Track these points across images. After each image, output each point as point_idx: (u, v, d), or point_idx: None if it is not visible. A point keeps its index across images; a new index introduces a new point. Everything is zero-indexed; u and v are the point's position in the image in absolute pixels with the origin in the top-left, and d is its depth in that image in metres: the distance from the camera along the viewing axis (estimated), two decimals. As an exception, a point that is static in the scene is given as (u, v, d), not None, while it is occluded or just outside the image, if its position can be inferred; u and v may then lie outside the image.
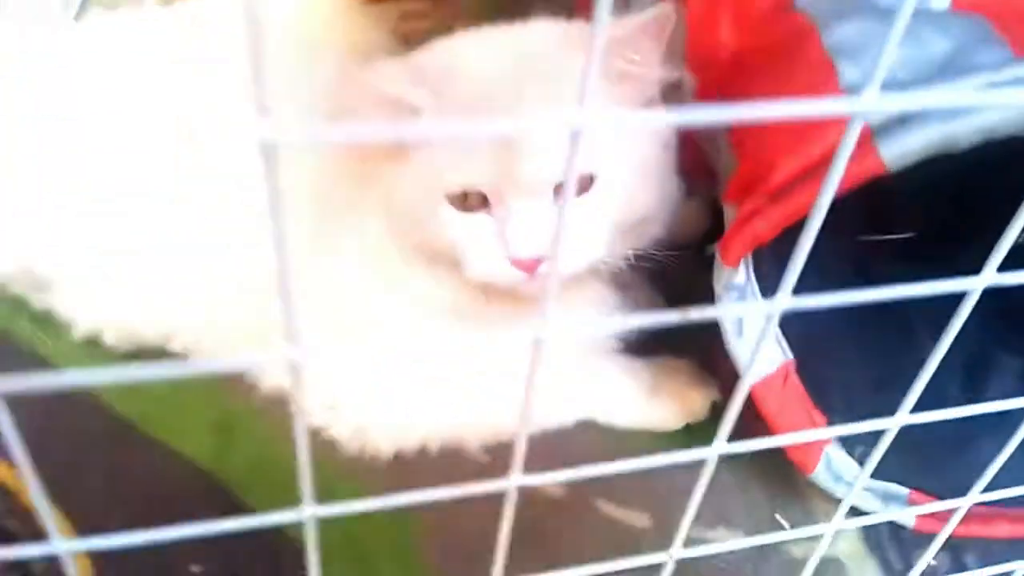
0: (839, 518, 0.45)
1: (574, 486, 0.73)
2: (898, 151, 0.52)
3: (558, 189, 0.59)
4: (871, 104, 0.29)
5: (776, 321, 0.45)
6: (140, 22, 0.86)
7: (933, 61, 0.57)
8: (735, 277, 0.61)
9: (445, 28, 1.29)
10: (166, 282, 0.73)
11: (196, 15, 0.90)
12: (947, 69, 0.56)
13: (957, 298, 0.37)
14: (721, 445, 0.43)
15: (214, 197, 0.71)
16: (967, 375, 0.83)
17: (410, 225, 0.63)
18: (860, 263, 0.92)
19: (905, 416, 0.47)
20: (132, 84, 0.76)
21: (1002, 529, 0.72)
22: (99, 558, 0.64)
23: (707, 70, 0.71)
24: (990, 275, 0.39)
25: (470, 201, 0.59)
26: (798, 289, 0.66)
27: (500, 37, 0.63)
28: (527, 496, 0.71)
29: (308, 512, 0.34)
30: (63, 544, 0.26)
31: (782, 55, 0.63)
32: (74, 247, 0.74)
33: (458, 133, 0.53)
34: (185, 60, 0.76)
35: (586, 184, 0.60)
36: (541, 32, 0.63)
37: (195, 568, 0.64)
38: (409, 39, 1.15)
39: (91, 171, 0.73)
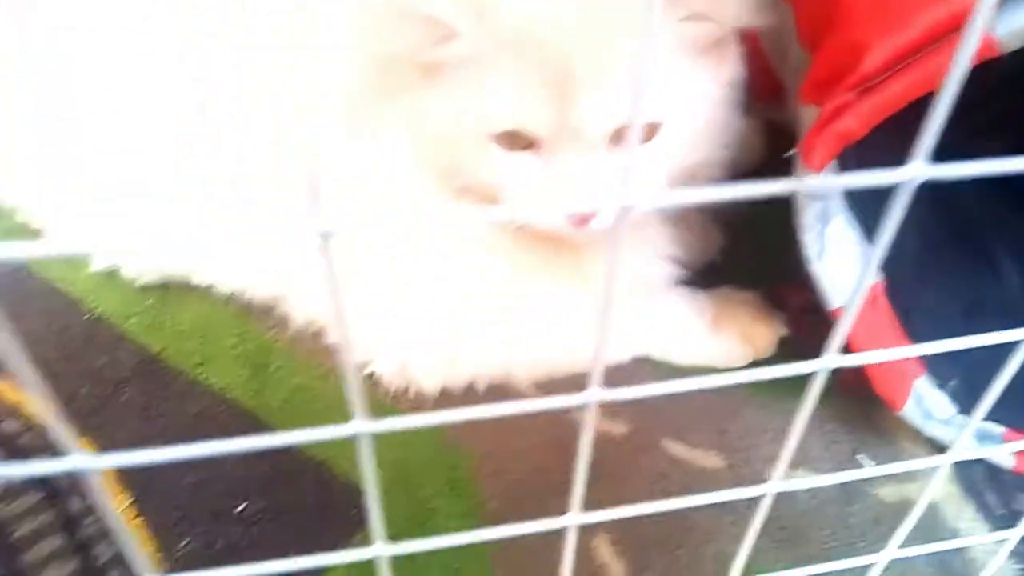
0: (946, 455, 0.38)
1: (639, 425, 0.67)
2: (1015, 26, 0.44)
3: (615, 136, 0.52)
4: None
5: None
6: None
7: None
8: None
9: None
10: (187, 215, 0.68)
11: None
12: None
13: None
14: (833, 358, 0.37)
15: (233, 121, 0.65)
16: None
17: (444, 156, 0.57)
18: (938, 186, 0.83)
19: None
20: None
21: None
22: (143, 500, 0.60)
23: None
24: None
25: (517, 141, 0.53)
26: (873, 209, 0.58)
27: None
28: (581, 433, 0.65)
29: (362, 428, 0.29)
30: (83, 459, 0.22)
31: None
32: (90, 173, 0.70)
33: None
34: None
35: (650, 133, 0.54)
36: None
37: (241, 507, 0.60)
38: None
39: (105, 99, 0.69)
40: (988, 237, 0.75)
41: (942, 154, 0.24)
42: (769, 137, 0.78)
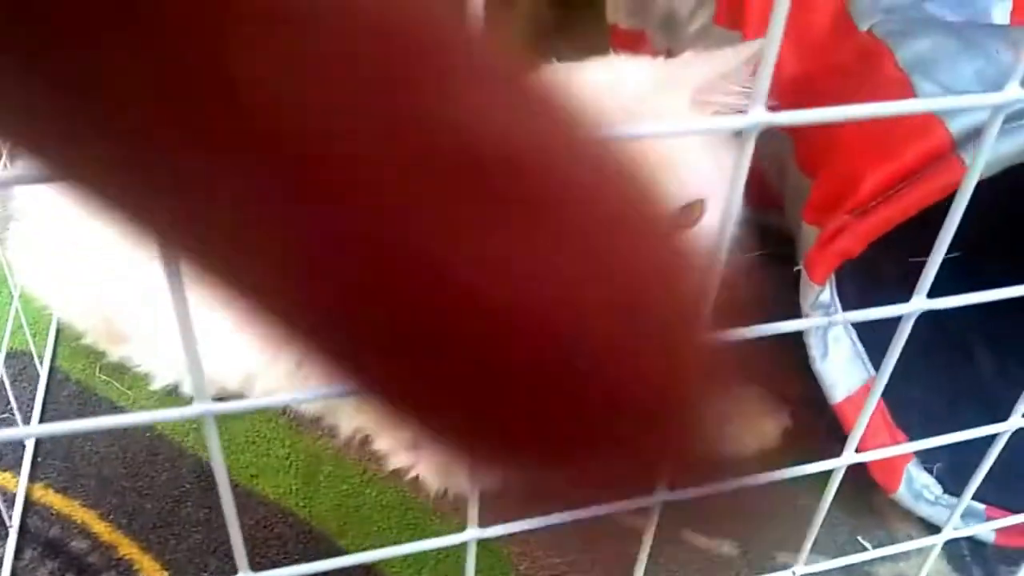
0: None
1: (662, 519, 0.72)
2: (987, 158, 0.53)
3: (680, 215, 0.61)
4: (1013, 95, 0.30)
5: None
6: None
7: (1005, 73, 0.59)
8: (822, 295, 0.61)
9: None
10: (242, 330, 0.73)
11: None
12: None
13: (1013, 317, 0.38)
14: (851, 456, 0.44)
15: None
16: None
17: None
18: (913, 281, 0.92)
19: (1016, 420, 0.47)
20: None
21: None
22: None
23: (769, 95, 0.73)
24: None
25: None
26: (868, 305, 0.67)
27: (594, 76, 0.64)
28: (608, 527, 0.71)
29: (472, 535, 0.35)
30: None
31: (851, 75, 0.64)
32: (151, 300, 0.75)
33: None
34: None
35: (698, 213, 0.61)
36: (633, 72, 0.64)
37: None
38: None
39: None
40: (962, 327, 0.84)
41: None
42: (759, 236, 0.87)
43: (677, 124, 0.29)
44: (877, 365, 0.67)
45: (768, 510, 0.74)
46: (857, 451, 0.67)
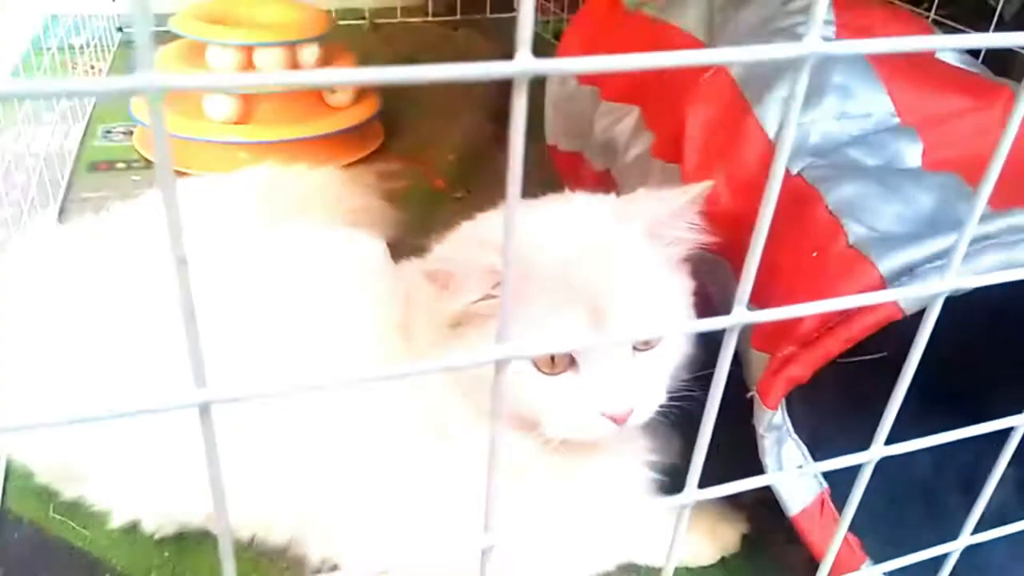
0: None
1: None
2: (915, 298, 0.59)
3: (639, 344, 0.65)
4: (956, 283, 0.35)
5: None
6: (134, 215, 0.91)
7: (921, 216, 0.66)
8: (775, 418, 0.66)
9: (423, 186, 1.38)
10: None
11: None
12: (936, 223, 0.64)
13: (946, 418, 0.43)
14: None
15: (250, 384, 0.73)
16: (965, 486, 0.89)
17: (481, 395, 0.67)
18: (845, 381, 0.99)
19: (964, 539, 0.52)
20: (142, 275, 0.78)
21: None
22: None
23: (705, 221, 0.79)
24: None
25: (557, 363, 0.64)
26: (810, 414, 0.72)
27: (555, 213, 0.69)
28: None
29: None
30: None
31: (784, 215, 0.70)
32: (111, 438, 0.75)
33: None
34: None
35: (656, 341, 0.66)
36: (591, 208, 0.69)
37: None
38: (392, 197, 1.24)
39: (121, 360, 0.75)
40: (899, 429, 0.89)
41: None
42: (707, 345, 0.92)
43: (675, 326, 0.33)
44: (826, 474, 0.72)
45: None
46: (816, 559, 0.71)
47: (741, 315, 0.31)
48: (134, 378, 0.73)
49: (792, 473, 0.43)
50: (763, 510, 0.87)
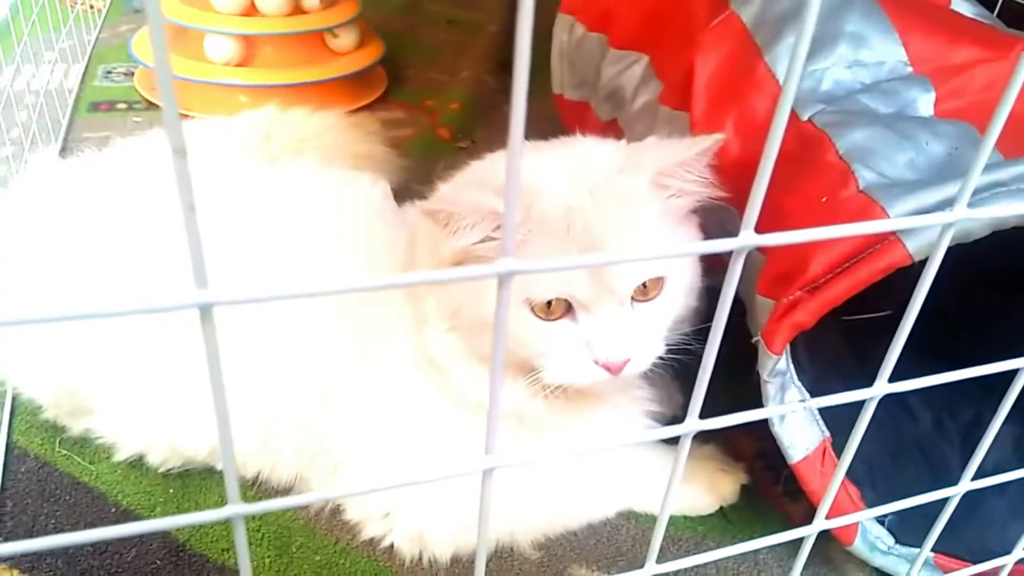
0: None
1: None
2: (923, 243, 0.58)
3: (638, 292, 0.64)
4: (962, 215, 0.35)
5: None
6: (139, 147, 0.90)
7: (933, 162, 0.65)
8: (779, 363, 0.65)
9: (427, 135, 1.37)
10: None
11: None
12: (948, 170, 0.64)
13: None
14: (822, 523, 0.47)
15: (250, 317, 0.73)
16: (963, 442, 0.89)
17: (480, 339, 0.67)
18: (848, 338, 0.99)
19: (965, 485, 0.52)
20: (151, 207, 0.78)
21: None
22: None
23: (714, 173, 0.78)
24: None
25: (554, 309, 0.63)
26: (814, 364, 0.71)
27: (564, 157, 0.68)
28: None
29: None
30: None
31: (794, 160, 0.69)
32: (119, 370, 0.75)
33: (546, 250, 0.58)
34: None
35: (658, 288, 0.65)
36: (599, 154, 0.68)
37: None
38: (395, 145, 1.22)
39: (129, 292, 0.75)
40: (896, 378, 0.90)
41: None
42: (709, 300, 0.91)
43: (673, 247, 0.33)
44: (828, 423, 0.72)
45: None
46: (814, 506, 0.72)
47: (748, 238, 0.31)
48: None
49: (795, 408, 0.43)
50: (762, 463, 0.88)
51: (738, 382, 0.67)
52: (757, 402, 0.69)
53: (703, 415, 0.36)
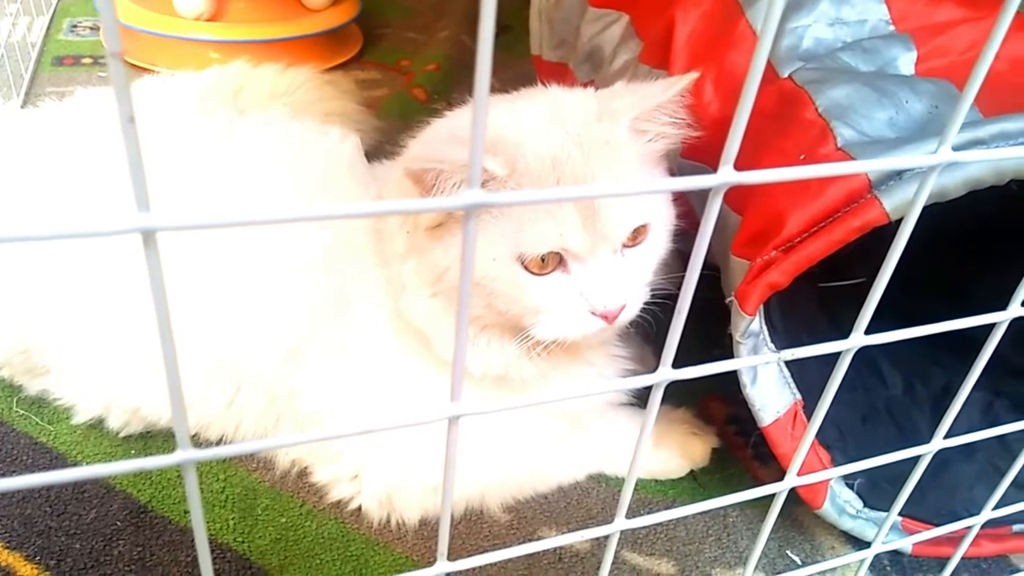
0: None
1: (600, 539, 0.74)
2: (900, 202, 0.58)
3: (629, 239, 0.64)
4: (946, 157, 0.34)
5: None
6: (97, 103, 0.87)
7: (914, 120, 0.64)
8: (752, 324, 0.65)
9: (402, 95, 1.34)
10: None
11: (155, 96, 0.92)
12: (928, 128, 0.63)
13: (920, 340, 0.42)
14: (792, 480, 0.47)
15: (218, 275, 0.71)
16: (934, 408, 0.89)
17: (473, 298, 0.65)
18: (822, 304, 0.98)
19: (937, 443, 0.51)
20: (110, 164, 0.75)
21: (989, 548, 0.78)
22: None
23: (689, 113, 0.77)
24: (1015, 310, 0.44)
25: (547, 263, 0.62)
26: (788, 328, 0.70)
27: (539, 108, 0.66)
28: (555, 552, 0.72)
29: (442, 568, 0.35)
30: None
31: (773, 118, 0.68)
32: (76, 329, 0.73)
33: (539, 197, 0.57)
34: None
35: (643, 234, 0.64)
36: (571, 103, 0.66)
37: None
38: (371, 105, 1.20)
39: (87, 250, 0.72)
40: (872, 350, 0.89)
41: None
42: (682, 262, 0.91)
43: (651, 183, 0.31)
44: (800, 386, 0.72)
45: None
46: (784, 470, 0.71)
47: (727, 175, 0.29)
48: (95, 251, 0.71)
49: (769, 359, 0.42)
50: (733, 428, 0.88)
51: (710, 347, 0.66)
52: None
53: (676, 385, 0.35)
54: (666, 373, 0.35)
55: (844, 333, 0.41)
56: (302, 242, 0.71)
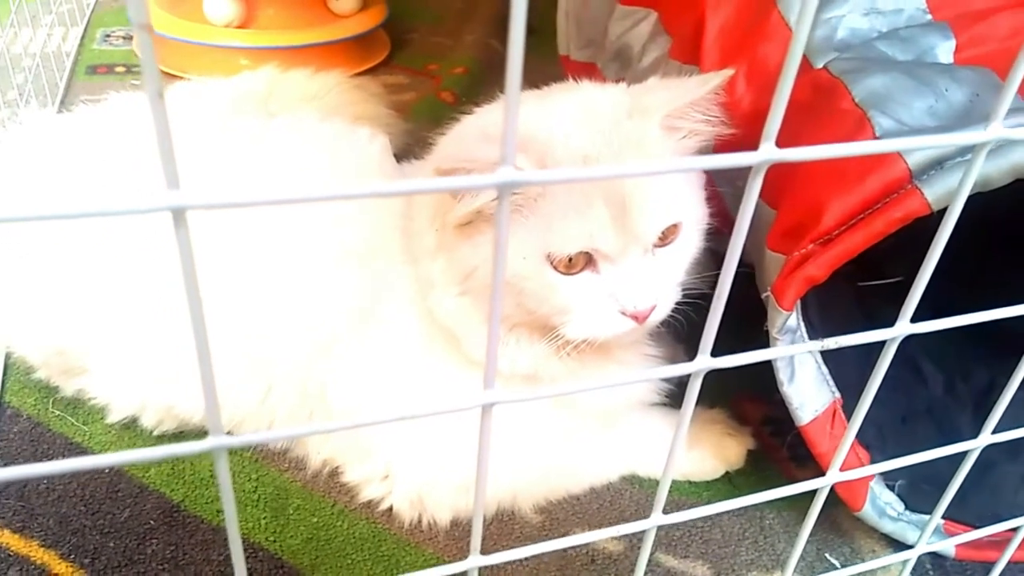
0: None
1: (633, 540, 0.73)
2: (942, 191, 0.56)
3: (660, 239, 0.63)
4: (997, 134, 0.32)
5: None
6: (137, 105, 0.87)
7: (954, 109, 0.62)
8: (789, 320, 0.63)
9: (430, 99, 1.34)
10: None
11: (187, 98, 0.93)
12: (969, 116, 0.61)
13: (961, 338, 0.40)
14: (835, 475, 0.45)
15: (250, 271, 0.71)
16: (976, 407, 0.87)
17: (503, 296, 0.64)
18: (862, 304, 0.96)
19: (984, 438, 0.50)
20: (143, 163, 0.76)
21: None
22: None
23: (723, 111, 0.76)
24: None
25: (575, 263, 0.61)
26: (825, 326, 0.68)
27: (570, 105, 0.65)
28: (587, 553, 0.71)
29: (474, 563, 0.35)
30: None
31: (807, 109, 0.67)
32: (111, 328, 0.73)
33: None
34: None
35: (674, 234, 0.63)
36: (604, 99, 0.65)
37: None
38: (399, 109, 1.20)
39: (122, 250, 0.73)
40: (912, 347, 0.87)
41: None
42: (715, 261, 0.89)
43: (688, 161, 0.31)
44: (839, 383, 0.70)
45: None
46: (823, 471, 0.70)
47: (768, 152, 0.28)
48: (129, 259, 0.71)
49: (811, 347, 0.41)
50: (768, 429, 0.86)
51: (744, 347, 0.65)
52: (765, 364, 0.67)
53: (708, 376, 0.33)
54: (705, 361, 0.34)
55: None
56: (333, 239, 0.71)
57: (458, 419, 0.68)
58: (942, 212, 0.55)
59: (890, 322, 0.39)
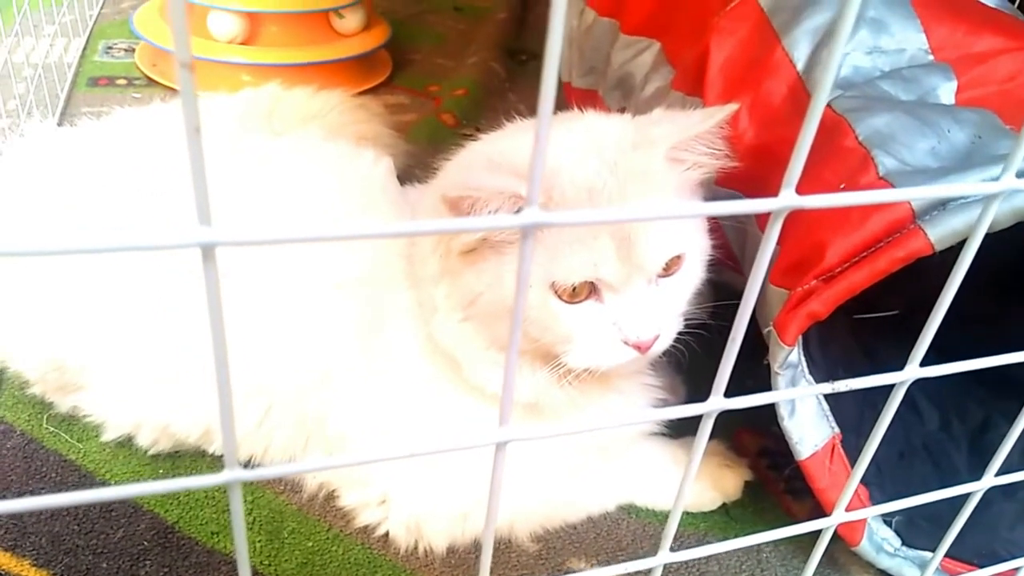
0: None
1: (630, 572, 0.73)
2: (945, 232, 0.57)
3: (663, 270, 0.63)
4: (1009, 185, 0.33)
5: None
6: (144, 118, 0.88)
7: (956, 150, 0.63)
8: (791, 355, 0.64)
9: (431, 120, 1.35)
10: (205, 382, 0.72)
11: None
12: (971, 157, 0.62)
13: (957, 376, 0.40)
14: (840, 515, 0.45)
15: (253, 296, 0.71)
16: (971, 444, 0.87)
17: (504, 323, 0.64)
18: (857, 337, 0.97)
19: (988, 480, 0.50)
20: (148, 180, 0.76)
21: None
22: None
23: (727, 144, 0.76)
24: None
25: (578, 292, 0.61)
26: (825, 360, 0.69)
27: (575, 135, 0.65)
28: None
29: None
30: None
31: (812, 147, 0.67)
32: (109, 346, 0.73)
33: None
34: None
35: (678, 265, 0.64)
36: (608, 130, 0.66)
37: None
38: (400, 130, 1.20)
39: (120, 268, 0.73)
40: (910, 385, 0.88)
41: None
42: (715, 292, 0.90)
43: (711, 207, 0.31)
44: (838, 420, 0.70)
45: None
46: (823, 507, 0.70)
47: (789, 199, 0.29)
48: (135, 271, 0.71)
49: (822, 390, 0.41)
50: (766, 461, 0.86)
51: (742, 379, 0.65)
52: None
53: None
54: (718, 402, 0.34)
55: (879, 365, 0.40)
56: (336, 265, 0.71)
57: (463, 462, 0.68)
58: (942, 251, 0.56)
59: (887, 357, 0.39)
